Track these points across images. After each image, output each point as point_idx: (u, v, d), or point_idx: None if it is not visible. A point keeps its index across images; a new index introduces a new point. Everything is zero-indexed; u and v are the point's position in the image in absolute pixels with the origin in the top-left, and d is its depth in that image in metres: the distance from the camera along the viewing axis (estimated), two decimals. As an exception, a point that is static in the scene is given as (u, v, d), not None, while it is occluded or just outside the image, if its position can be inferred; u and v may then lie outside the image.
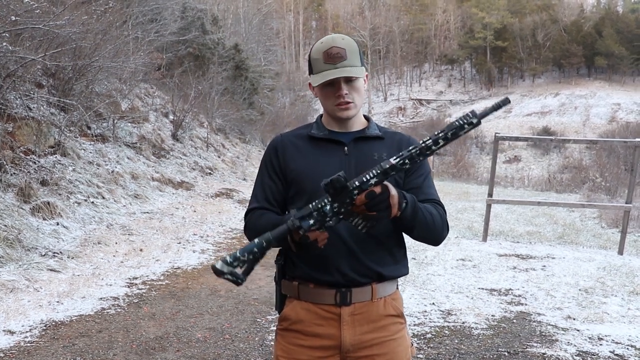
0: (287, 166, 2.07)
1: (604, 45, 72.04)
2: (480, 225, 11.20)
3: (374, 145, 2.05)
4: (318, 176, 1.90)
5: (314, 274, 1.97)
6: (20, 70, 10.01)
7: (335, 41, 1.99)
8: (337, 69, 1.95)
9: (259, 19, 49.21)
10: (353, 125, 2.09)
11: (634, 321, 5.65)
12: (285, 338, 2.05)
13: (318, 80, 1.97)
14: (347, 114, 2.02)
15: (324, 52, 1.97)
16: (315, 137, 2.08)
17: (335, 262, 1.95)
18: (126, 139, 14.30)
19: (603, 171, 28.67)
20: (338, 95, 1.99)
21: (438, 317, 5.61)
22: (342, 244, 1.94)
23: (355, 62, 1.99)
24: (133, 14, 18.97)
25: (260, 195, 2.12)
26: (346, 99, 1.99)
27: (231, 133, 26.93)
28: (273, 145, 2.13)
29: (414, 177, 2.06)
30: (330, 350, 1.98)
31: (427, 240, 2.02)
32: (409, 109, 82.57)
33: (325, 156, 2.04)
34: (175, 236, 9.50)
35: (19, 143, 9.56)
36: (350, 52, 1.98)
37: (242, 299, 6.17)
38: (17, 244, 6.97)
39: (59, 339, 4.78)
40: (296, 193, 2.04)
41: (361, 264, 1.96)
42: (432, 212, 1.97)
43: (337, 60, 1.95)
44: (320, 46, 2.00)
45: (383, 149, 2.04)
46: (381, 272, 1.99)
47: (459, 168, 42.22)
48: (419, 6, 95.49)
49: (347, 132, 2.08)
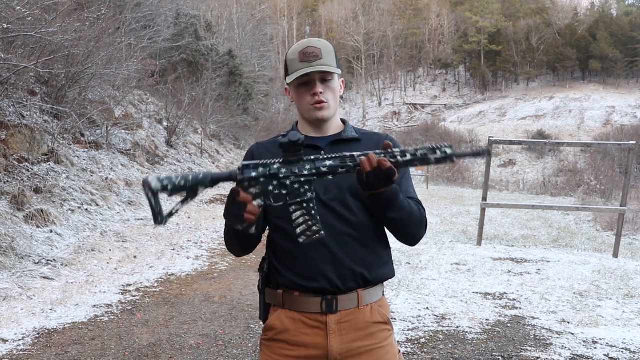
0: None
1: (598, 49, 72.42)
2: (474, 229, 11.20)
3: (351, 148, 1.99)
4: None
5: (299, 281, 1.93)
6: (13, 78, 9.99)
7: (311, 42, 1.99)
8: (313, 67, 1.93)
9: (252, 24, 49.31)
10: (329, 129, 2.06)
11: (629, 324, 5.64)
12: (270, 349, 2.00)
13: (293, 77, 1.96)
14: (322, 114, 1.99)
15: (299, 51, 1.96)
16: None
17: (320, 267, 1.91)
18: (120, 146, 14.28)
19: (598, 174, 28.80)
20: (313, 93, 1.97)
21: (432, 322, 5.60)
22: (325, 248, 1.90)
23: (331, 62, 1.97)
24: (126, 21, 18.99)
25: None
26: (321, 98, 1.97)
27: (225, 139, 26.95)
28: (250, 152, 2.09)
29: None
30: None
31: (406, 234, 1.98)
32: (403, 114, 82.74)
33: None
34: (169, 243, 9.47)
35: (12, 151, 9.53)
36: (326, 52, 1.97)
37: (235, 305, 6.16)
38: (10, 252, 6.94)
39: (52, 346, 4.75)
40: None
41: (346, 269, 1.92)
42: (412, 204, 1.96)
43: (312, 58, 1.94)
44: (296, 47, 1.99)
45: (360, 151, 1.97)
46: (366, 275, 1.95)
47: (454, 172, 42.26)
48: (413, 11, 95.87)
49: (323, 136, 2.05)
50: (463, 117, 74.18)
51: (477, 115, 73.48)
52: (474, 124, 68.69)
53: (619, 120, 60.88)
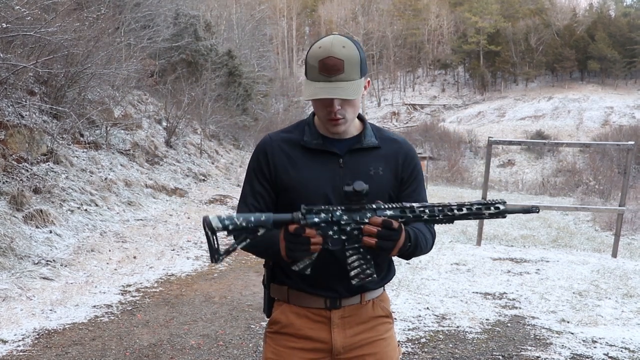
0: (278, 176, 1.97)
1: (596, 49, 72.45)
2: (474, 229, 11.21)
3: (370, 157, 1.97)
4: (311, 191, 1.89)
5: (306, 288, 1.96)
6: (12, 78, 9.98)
7: (334, 50, 1.79)
8: (331, 84, 1.79)
9: (252, 25, 49.28)
10: (347, 131, 1.98)
11: (628, 323, 5.65)
12: (275, 341, 2.03)
13: (308, 93, 1.84)
14: (337, 129, 1.91)
15: (320, 60, 1.80)
16: (308, 148, 1.97)
17: (328, 279, 1.93)
18: (119, 146, 14.27)
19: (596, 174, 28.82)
20: (329, 111, 1.86)
21: (432, 322, 5.60)
22: (335, 262, 1.89)
23: (354, 76, 1.82)
24: (125, 21, 18.98)
25: (250, 201, 2.02)
26: (338, 115, 1.87)
27: (225, 139, 26.93)
28: (262, 149, 2.02)
29: (411, 184, 2.03)
30: (322, 353, 1.97)
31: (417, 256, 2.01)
32: (402, 114, 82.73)
33: (319, 169, 1.95)
34: (169, 243, 9.47)
35: (11, 151, 9.52)
36: (349, 65, 1.80)
37: (236, 305, 6.16)
38: (9, 253, 6.93)
39: (52, 347, 4.74)
40: (287, 204, 1.95)
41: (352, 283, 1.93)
42: (427, 237, 1.96)
43: (332, 72, 1.79)
44: (318, 52, 1.81)
45: (380, 163, 1.97)
46: (371, 286, 1.99)
47: (453, 172, 42.35)
48: (412, 11, 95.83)
49: (341, 139, 1.98)
50: (462, 117, 74.20)
51: (476, 116, 73.50)
52: (473, 124, 68.71)
53: (618, 120, 60.92)
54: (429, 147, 56.76)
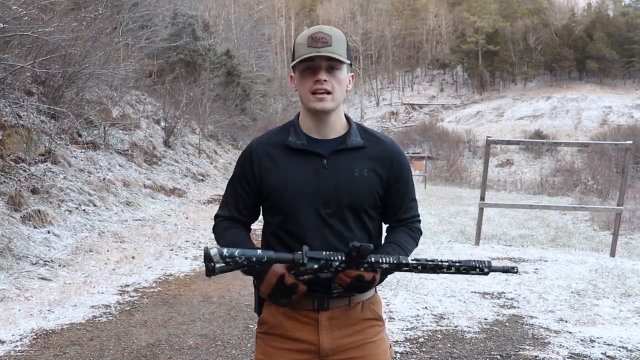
0: (263, 180, 1.97)
1: (595, 49, 72.51)
2: (472, 229, 11.21)
3: (355, 158, 1.95)
4: (295, 192, 1.90)
5: None
6: (9, 78, 9.97)
7: (322, 28, 1.88)
8: (320, 50, 1.82)
9: (250, 24, 49.29)
10: (332, 130, 1.97)
11: (626, 323, 5.66)
12: (265, 341, 2.03)
13: (297, 59, 1.86)
14: (322, 106, 1.88)
15: (308, 36, 1.85)
16: (292, 148, 1.96)
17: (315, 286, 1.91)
18: (117, 146, 14.27)
19: (595, 174, 28.85)
20: (316, 80, 1.85)
21: (431, 321, 5.60)
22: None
23: (341, 52, 1.85)
24: (123, 21, 18.97)
25: (231, 204, 2.07)
26: (324, 86, 1.85)
27: (223, 139, 26.92)
28: (248, 154, 2.03)
29: (399, 184, 2.03)
30: (310, 354, 1.96)
31: None
32: (401, 114, 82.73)
33: (303, 170, 1.93)
34: (167, 243, 9.46)
35: (9, 151, 9.51)
36: (337, 40, 1.85)
37: (234, 305, 6.15)
38: (7, 253, 6.93)
39: (50, 347, 4.74)
40: (273, 207, 1.97)
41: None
42: (408, 247, 2.01)
43: (320, 44, 1.82)
44: (306, 32, 1.87)
45: (364, 164, 1.95)
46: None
47: (452, 172, 42.37)
48: (411, 11, 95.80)
49: (326, 139, 1.97)
50: (461, 117, 74.20)
51: (474, 115, 73.51)
52: (471, 124, 68.71)
53: (616, 120, 60.96)
54: (428, 147, 56.82)
